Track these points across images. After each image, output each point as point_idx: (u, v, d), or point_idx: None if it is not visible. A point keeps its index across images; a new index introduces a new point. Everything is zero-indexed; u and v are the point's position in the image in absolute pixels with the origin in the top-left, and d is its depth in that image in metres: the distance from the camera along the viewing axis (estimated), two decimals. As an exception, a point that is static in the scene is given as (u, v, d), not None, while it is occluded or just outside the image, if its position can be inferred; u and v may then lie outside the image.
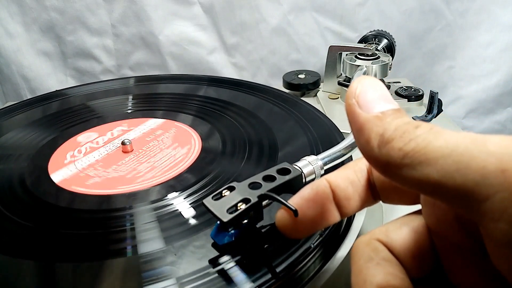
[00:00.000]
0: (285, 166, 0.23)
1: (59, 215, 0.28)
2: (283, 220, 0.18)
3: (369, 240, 0.16)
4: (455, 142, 0.12)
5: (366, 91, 0.15)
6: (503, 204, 0.11)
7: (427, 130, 0.13)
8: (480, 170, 0.11)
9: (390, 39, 0.52)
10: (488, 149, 0.12)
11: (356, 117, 0.15)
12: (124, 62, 0.62)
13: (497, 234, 0.12)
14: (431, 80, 0.65)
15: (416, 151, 0.13)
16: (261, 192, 0.21)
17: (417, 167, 0.12)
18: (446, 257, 0.16)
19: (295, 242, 0.23)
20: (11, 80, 0.61)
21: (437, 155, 0.12)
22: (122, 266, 0.23)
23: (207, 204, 0.21)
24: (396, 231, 0.16)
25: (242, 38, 0.61)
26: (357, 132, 0.15)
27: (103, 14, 0.59)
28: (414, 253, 0.16)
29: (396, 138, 0.13)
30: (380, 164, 0.14)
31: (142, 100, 0.46)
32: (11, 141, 0.38)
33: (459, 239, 0.15)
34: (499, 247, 0.12)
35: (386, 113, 0.14)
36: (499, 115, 0.67)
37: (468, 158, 0.12)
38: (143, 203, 0.28)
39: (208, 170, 0.31)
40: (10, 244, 0.25)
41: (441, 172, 0.12)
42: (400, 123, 0.14)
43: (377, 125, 0.14)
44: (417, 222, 0.16)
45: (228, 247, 0.22)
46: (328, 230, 0.25)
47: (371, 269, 0.15)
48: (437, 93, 0.40)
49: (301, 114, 0.39)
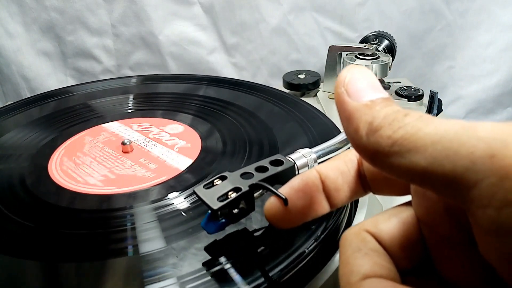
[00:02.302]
0: (278, 157, 0.23)
1: (60, 215, 0.28)
2: (272, 209, 0.18)
3: (358, 231, 0.16)
4: (445, 129, 0.12)
5: (355, 80, 0.15)
6: (491, 190, 0.11)
7: (416, 117, 0.13)
8: (469, 156, 0.11)
9: (391, 40, 0.52)
10: (478, 134, 0.11)
11: (345, 106, 0.14)
12: (124, 62, 0.62)
13: (485, 221, 0.11)
14: (431, 80, 0.65)
15: (405, 139, 0.12)
16: (252, 182, 0.21)
17: (406, 154, 0.12)
18: (435, 248, 0.16)
19: (290, 245, 0.23)
20: (11, 80, 0.61)
21: (426, 142, 0.12)
22: (123, 266, 0.23)
23: (198, 192, 0.21)
24: (385, 222, 0.16)
25: (242, 38, 0.61)
26: (346, 121, 0.14)
27: (103, 14, 0.59)
28: (402, 243, 0.16)
29: (385, 126, 0.13)
30: (369, 153, 0.14)
31: (142, 99, 0.46)
32: (11, 141, 0.38)
33: (448, 230, 0.15)
34: (487, 235, 0.12)
35: (375, 101, 0.14)
36: (499, 115, 0.67)
37: (458, 144, 0.12)
38: (143, 203, 0.28)
39: (208, 170, 0.31)
40: (10, 244, 0.25)
41: (429, 159, 0.12)
42: (389, 111, 0.14)
43: (366, 114, 0.14)
44: (406, 213, 0.16)
45: (221, 244, 0.22)
46: (325, 232, 0.24)
47: (358, 259, 0.15)
48: (437, 93, 0.40)
49: (301, 114, 0.39)
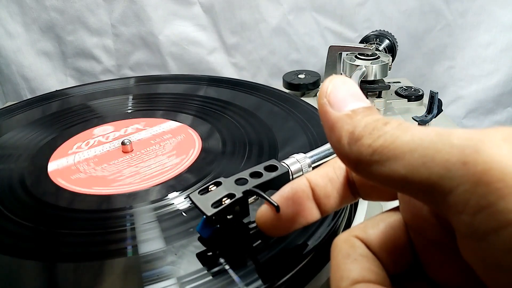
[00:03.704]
0: (272, 163, 0.23)
1: (59, 215, 0.28)
2: (263, 217, 0.19)
3: (347, 237, 0.16)
4: (421, 136, 0.12)
5: (336, 90, 0.15)
6: (465, 196, 0.11)
7: (395, 126, 0.13)
8: (443, 163, 0.12)
9: (392, 40, 0.52)
10: (452, 142, 0.12)
11: (327, 116, 0.15)
12: (124, 62, 0.62)
13: (461, 227, 0.12)
14: (431, 80, 0.65)
15: (384, 147, 0.13)
16: (246, 188, 0.21)
17: (385, 163, 0.13)
18: (424, 253, 0.16)
19: (289, 246, 0.23)
20: (11, 80, 0.61)
21: (404, 150, 0.12)
22: (122, 266, 0.23)
23: (193, 198, 0.21)
24: (373, 228, 0.16)
25: (242, 38, 0.61)
26: (329, 131, 0.15)
27: (103, 14, 0.59)
28: (390, 248, 0.16)
29: (365, 135, 0.13)
30: (352, 162, 0.14)
31: (142, 100, 0.46)
32: (11, 141, 0.38)
33: (435, 234, 0.15)
34: (464, 239, 0.12)
35: (357, 111, 0.14)
36: (499, 115, 0.67)
37: (433, 152, 0.12)
38: (143, 203, 0.28)
39: (208, 170, 0.31)
40: (10, 244, 0.25)
41: (408, 167, 0.12)
42: (369, 120, 0.14)
43: (347, 123, 0.14)
44: (394, 218, 0.17)
45: (216, 244, 0.22)
46: (325, 233, 0.24)
47: (348, 265, 0.15)
48: (437, 93, 0.40)
49: (301, 114, 0.39)
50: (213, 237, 0.22)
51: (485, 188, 0.11)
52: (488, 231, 0.11)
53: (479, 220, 0.11)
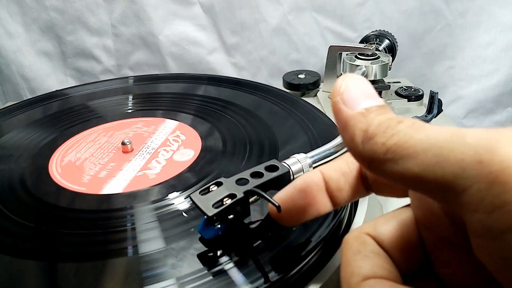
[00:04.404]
0: (273, 163, 0.23)
1: (60, 215, 0.28)
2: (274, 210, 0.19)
3: (358, 234, 0.16)
4: (435, 136, 0.12)
5: (350, 88, 0.15)
6: (480, 195, 0.11)
7: (409, 125, 0.13)
8: (458, 163, 0.12)
9: (392, 40, 0.52)
10: (466, 141, 0.12)
11: (341, 114, 0.15)
12: (124, 62, 0.62)
13: (475, 225, 0.12)
14: (431, 80, 0.65)
15: (398, 146, 0.13)
16: (247, 188, 0.21)
17: (399, 161, 0.13)
18: (434, 251, 0.16)
19: (290, 245, 0.23)
20: (11, 80, 0.61)
21: (417, 149, 0.12)
22: (122, 266, 0.23)
23: (194, 198, 0.21)
24: (384, 225, 0.16)
25: (242, 38, 0.61)
26: (342, 129, 0.15)
27: (103, 14, 0.59)
28: (401, 246, 0.16)
29: (379, 133, 0.13)
30: (365, 160, 0.14)
31: (142, 99, 0.46)
32: (12, 141, 0.38)
33: (447, 232, 0.15)
34: (478, 238, 0.12)
35: (370, 109, 0.14)
36: (499, 115, 0.67)
37: (447, 151, 0.12)
38: (143, 203, 0.28)
39: (208, 170, 0.31)
40: (10, 244, 0.25)
41: (421, 166, 0.12)
42: (383, 119, 0.14)
43: (361, 122, 0.14)
44: (405, 215, 0.17)
45: (216, 244, 0.22)
46: (326, 232, 0.25)
47: (358, 261, 0.15)
48: (437, 93, 0.40)
49: (301, 114, 0.39)
50: (214, 238, 0.22)
51: (501, 187, 0.11)
52: (504, 229, 0.11)
53: (494, 218, 0.11)
